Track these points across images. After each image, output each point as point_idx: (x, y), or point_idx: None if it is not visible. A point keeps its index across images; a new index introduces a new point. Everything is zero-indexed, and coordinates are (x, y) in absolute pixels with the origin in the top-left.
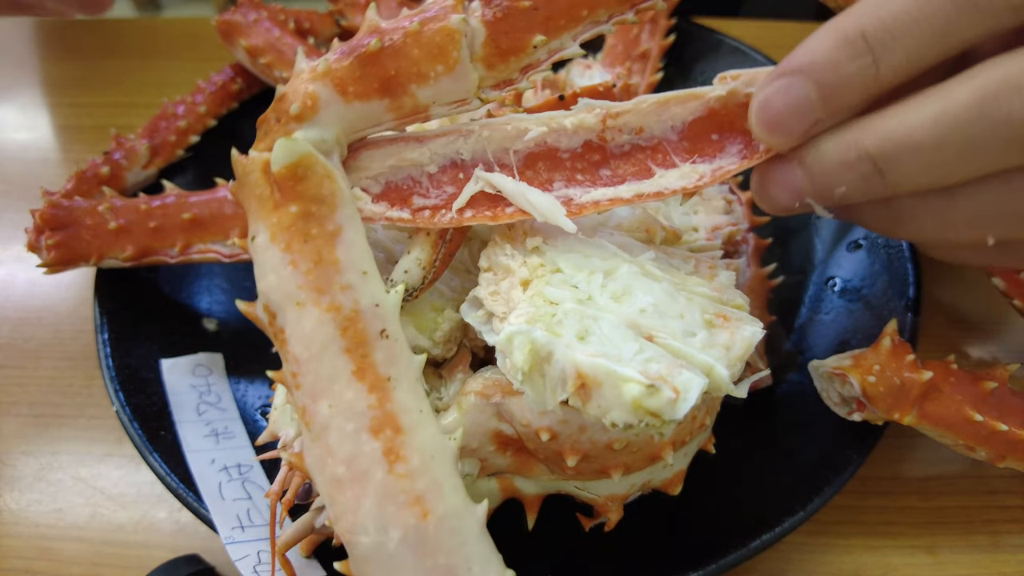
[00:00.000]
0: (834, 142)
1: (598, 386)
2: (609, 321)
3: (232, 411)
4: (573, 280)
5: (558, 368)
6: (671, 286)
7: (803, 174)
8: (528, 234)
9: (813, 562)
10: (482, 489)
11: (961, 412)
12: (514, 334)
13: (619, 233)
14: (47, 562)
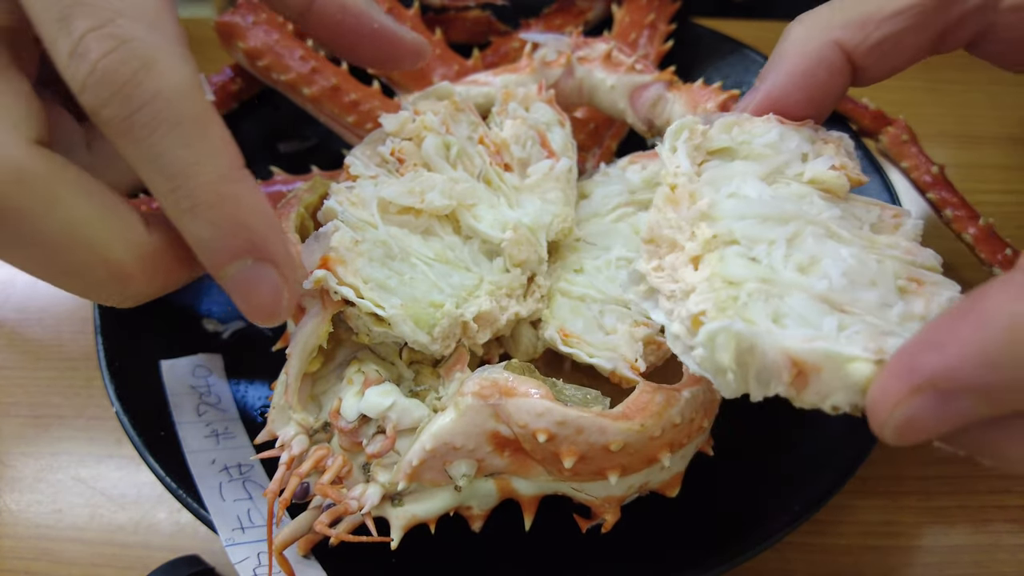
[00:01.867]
0: None
1: (817, 372)
2: (799, 298)
3: (232, 411)
4: (752, 252)
5: (766, 360)
6: (860, 248)
7: None
8: (694, 196)
9: (813, 562)
10: (479, 490)
11: None
12: (716, 332)
13: (797, 183)
14: (47, 563)
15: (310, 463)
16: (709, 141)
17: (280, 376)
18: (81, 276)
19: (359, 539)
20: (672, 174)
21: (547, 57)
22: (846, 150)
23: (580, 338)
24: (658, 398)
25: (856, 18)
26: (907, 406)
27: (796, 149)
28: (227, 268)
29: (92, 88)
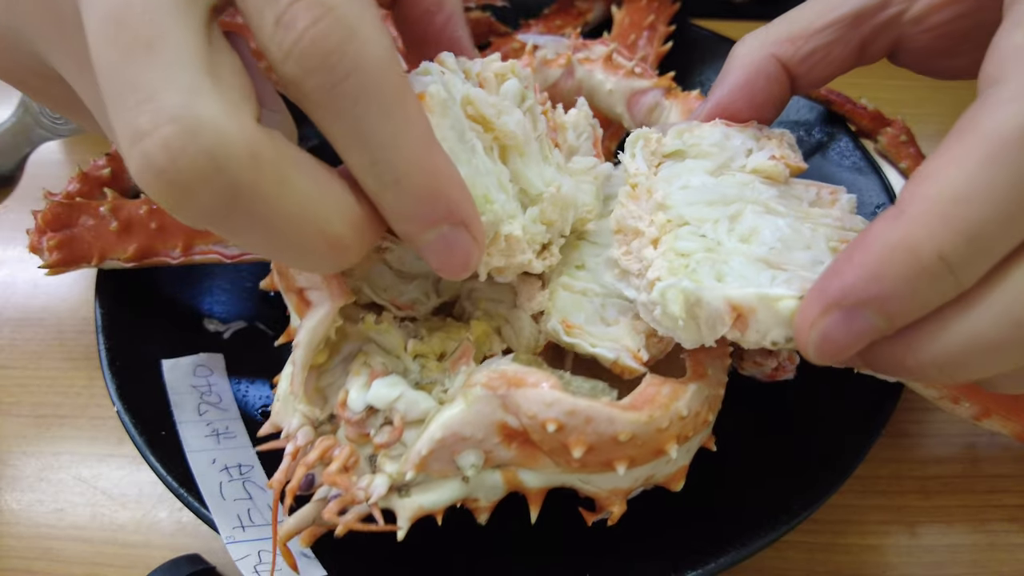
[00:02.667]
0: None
1: (753, 312)
2: (740, 260)
3: (233, 411)
4: (700, 230)
5: (711, 308)
6: (795, 219)
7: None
8: (651, 191)
9: (813, 562)
10: (486, 481)
11: None
12: (666, 288)
13: (741, 173)
14: (48, 562)
15: (317, 453)
16: (663, 147)
17: (286, 367)
18: (304, 250)
19: (366, 528)
20: (632, 175)
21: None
22: (788, 143)
23: (583, 329)
24: (665, 390)
25: (788, 34)
26: (820, 326)
27: (741, 146)
28: (426, 235)
29: (297, 58)
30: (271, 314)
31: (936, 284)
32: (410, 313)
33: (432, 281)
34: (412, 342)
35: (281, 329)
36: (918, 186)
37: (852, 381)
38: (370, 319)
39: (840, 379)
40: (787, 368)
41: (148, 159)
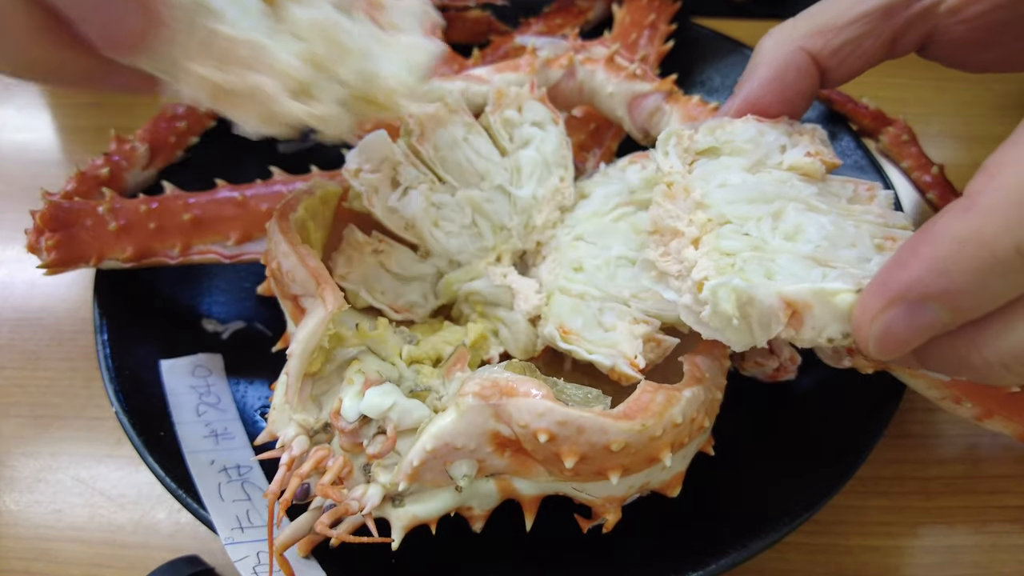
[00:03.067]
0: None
1: (808, 308)
2: (787, 258)
3: (231, 412)
4: (743, 228)
5: (764, 306)
6: (838, 216)
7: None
8: (688, 190)
9: (813, 562)
10: (480, 490)
11: None
12: (717, 287)
13: (778, 170)
14: (46, 563)
15: (311, 464)
16: (696, 144)
17: (280, 376)
18: None
19: (360, 540)
20: (667, 173)
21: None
22: (820, 139)
23: (579, 335)
24: (659, 398)
25: (817, 28)
26: (883, 319)
27: (775, 142)
28: None
29: None
30: (270, 315)
31: (1010, 278)
32: (408, 316)
33: (430, 284)
34: (407, 348)
35: (280, 329)
36: (991, 177)
37: (853, 382)
38: (364, 326)
39: (841, 380)
40: (789, 369)
41: None
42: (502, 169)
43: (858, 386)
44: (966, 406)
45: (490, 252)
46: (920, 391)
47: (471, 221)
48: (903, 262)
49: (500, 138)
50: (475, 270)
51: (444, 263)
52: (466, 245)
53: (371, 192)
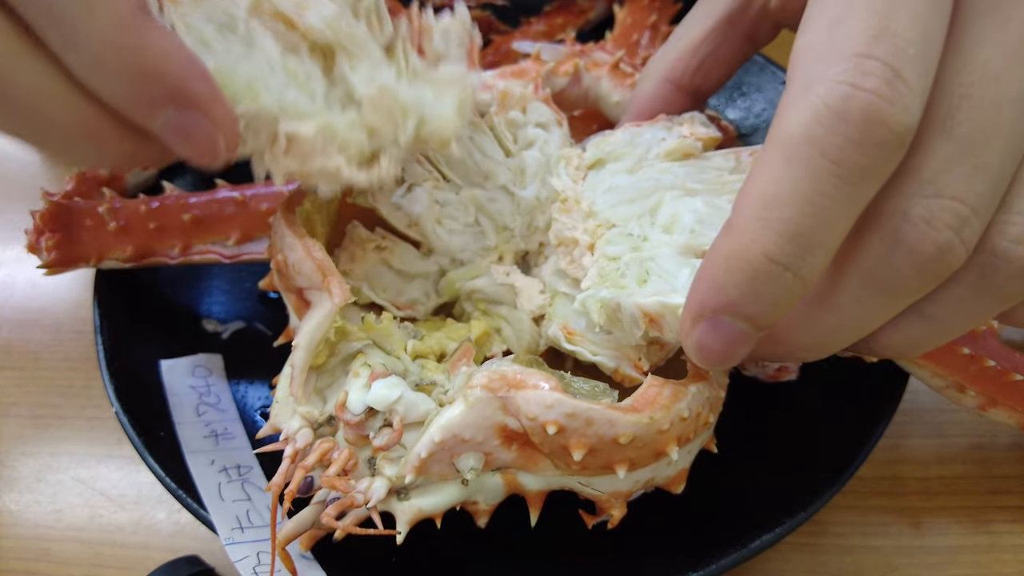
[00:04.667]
0: None
1: (662, 318)
2: (664, 254)
3: (232, 412)
4: (627, 229)
5: (628, 314)
6: (710, 195)
7: None
8: (579, 201)
9: (813, 562)
10: (486, 484)
11: (950, 345)
12: (586, 299)
13: (658, 161)
14: (46, 563)
15: (316, 456)
16: (584, 160)
17: (284, 369)
18: (55, 135)
19: (365, 531)
20: (561, 191)
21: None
22: (699, 121)
23: (584, 336)
24: (666, 392)
25: (676, 56)
26: (694, 336)
27: (652, 138)
28: (154, 119)
29: None
30: (270, 314)
31: (777, 283)
32: (410, 313)
33: (432, 281)
34: (412, 342)
35: (280, 329)
36: (740, 195)
37: (854, 382)
38: (370, 319)
39: (842, 380)
40: (790, 369)
41: None
42: (506, 169)
43: (858, 386)
44: (969, 395)
45: (492, 251)
46: (923, 380)
47: (474, 220)
48: (696, 281)
49: (504, 139)
50: (477, 268)
51: (447, 261)
52: (469, 244)
53: (375, 189)
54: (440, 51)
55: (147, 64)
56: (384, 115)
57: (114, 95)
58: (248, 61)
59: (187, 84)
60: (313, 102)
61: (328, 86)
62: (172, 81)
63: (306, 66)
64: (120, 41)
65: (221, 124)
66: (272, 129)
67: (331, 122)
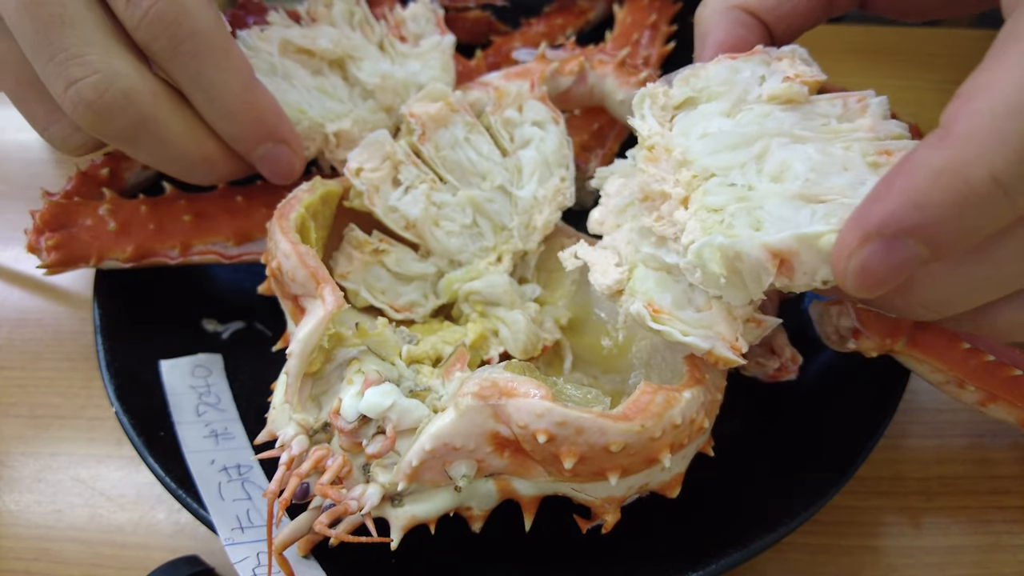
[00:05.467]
0: None
1: (795, 255)
2: (775, 202)
3: (231, 412)
4: (729, 178)
5: (752, 259)
6: (824, 143)
7: None
8: (669, 149)
9: (813, 562)
10: (479, 490)
11: (950, 340)
12: (701, 248)
13: (759, 104)
14: (46, 563)
15: (310, 463)
16: (672, 99)
17: (280, 376)
18: (186, 163)
19: (359, 539)
20: (647, 137)
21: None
22: (800, 59)
23: (672, 314)
24: (658, 398)
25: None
26: (860, 254)
27: (752, 75)
28: (255, 152)
29: (146, 27)
30: (270, 314)
31: (989, 210)
32: (408, 315)
33: (431, 283)
34: (407, 348)
35: (280, 329)
36: (965, 103)
37: (854, 382)
38: (364, 326)
39: (842, 380)
40: (790, 369)
41: (81, 95)
42: (503, 169)
43: (858, 386)
44: (969, 390)
45: (491, 252)
46: (923, 376)
47: (472, 221)
48: (879, 196)
49: (501, 138)
50: (475, 270)
51: (444, 263)
52: (467, 245)
53: (372, 191)
54: (416, 31)
55: (259, 113)
56: (391, 95)
57: (235, 134)
58: (293, 91)
59: (280, 126)
60: (343, 104)
61: (349, 88)
62: (272, 125)
63: (331, 80)
64: (245, 98)
65: (298, 152)
66: (322, 133)
67: (360, 114)
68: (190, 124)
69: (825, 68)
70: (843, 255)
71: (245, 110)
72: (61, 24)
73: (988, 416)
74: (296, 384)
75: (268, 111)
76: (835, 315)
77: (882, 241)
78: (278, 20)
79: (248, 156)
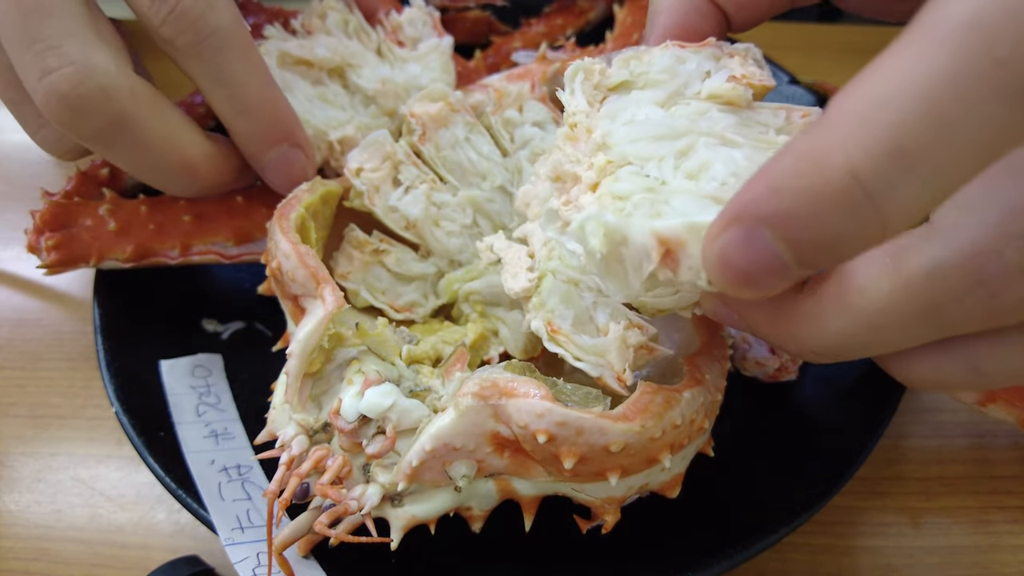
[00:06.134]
0: None
1: (682, 246)
2: (683, 199)
3: (232, 412)
4: (644, 169)
5: (637, 245)
6: (754, 150)
7: None
8: (591, 130)
9: (813, 562)
10: (479, 490)
11: None
12: (585, 221)
13: (696, 101)
14: (46, 563)
15: (310, 463)
16: (608, 79)
17: (280, 376)
18: (165, 170)
19: (359, 539)
20: (571, 113)
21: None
22: (753, 59)
23: (568, 337)
24: (658, 399)
25: None
26: (720, 240)
27: (696, 69)
28: (268, 154)
29: (171, 23)
30: (270, 315)
31: (848, 211)
32: (408, 315)
33: (431, 283)
34: (407, 348)
35: (280, 329)
36: (848, 89)
37: (854, 382)
38: (364, 326)
39: (842, 380)
40: (790, 369)
41: (54, 88)
42: (503, 169)
43: (858, 386)
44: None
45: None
46: None
47: (472, 221)
48: (750, 181)
49: (501, 138)
50: (475, 270)
51: (445, 263)
52: (467, 245)
53: (372, 191)
54: (414, 35)
55: (279, 112)
56: (392, 99)
57: (252, 132)
58: (295, 101)
59: (297, 129)
60: (345, 111)
61: (350, 96)
62: (290, 126)
63: (331, 88)
64: (265, 95)
65: (311, 157)
66: (326, 141)
67: (363, 120)
68: (172, 127)
69: (824, 68)
70: (708, 243)
71: (265, 107)
72: (40, 14)
73: (988, 416)
74: (296, 384)
75: (287, 111)
76: None
77: (741, 228)
78: (274, 34)
79: (259, 158)
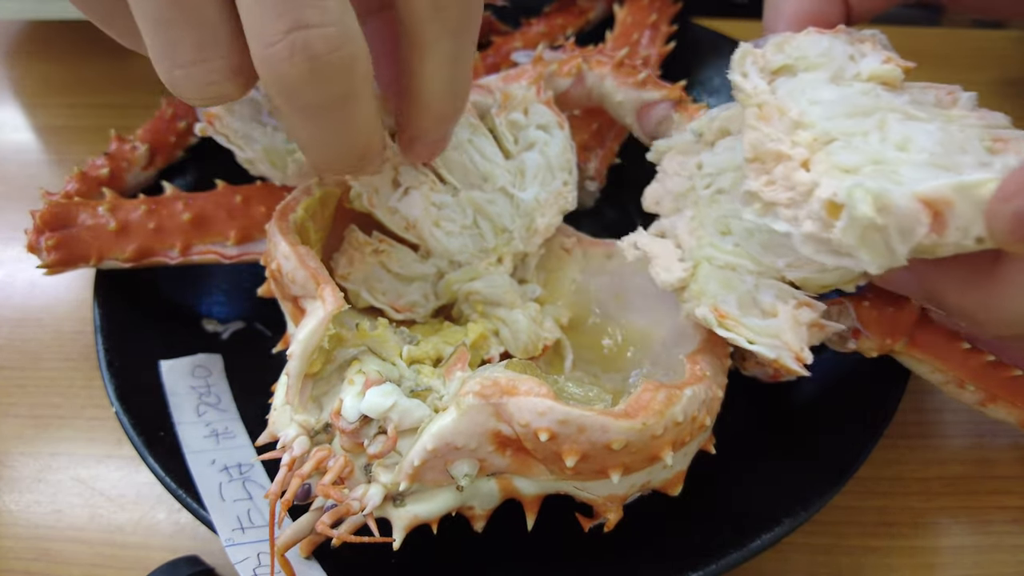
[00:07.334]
0: None
1: (950, 206)
2: (910, 167)
3: (232, 412)
4: (851, 144)
5: (902, 211)
6: (943, 122)
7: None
8: (783, 110)
9: (813, 562)
10: (481, 489)
11: (950, 340)
12: (852, 188)
13: (859, 82)
14: (46, 563)
15: (312, 464)
16: (768, 63)
17: (281, 377)
18: (348, 149)
19: (361, 539)
20: (754, 95)
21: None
22: (882, 44)
23: (737, 321)
24: (660, 396)
25: None
26: (1017, 199)
27: (843, 53)
28: (443, 129)
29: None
30: (270, 315)
31: None
32: (409, 316)
33: (431, 283)
34: (407, 348)
35: (280, 330)
36: None
37: (854, 382)
38: (364, 326)
39: (842, 380)
40: None
41: (307, 45)
42: (505, 171)
43: (858, 386)
44: (969, 390)
45: (491, 253)
46: (924, 375)
47: (472, 222)
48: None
49: (505, 140)
50: (475, 270)
51: (445, 263)
52: (467, 246)
53: (372, 192)
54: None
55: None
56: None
57: (456, 111)
58: (279, 134)
59: None
60: None
61: None
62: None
63: None
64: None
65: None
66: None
67: None
68: (375, 110)
69: None
70: (1001, 200)
71: (469, 86)
72: None
73: (988, 416)
74: (297, 385)
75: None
76: (835, 315)
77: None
78: None
79: (428, 135)
